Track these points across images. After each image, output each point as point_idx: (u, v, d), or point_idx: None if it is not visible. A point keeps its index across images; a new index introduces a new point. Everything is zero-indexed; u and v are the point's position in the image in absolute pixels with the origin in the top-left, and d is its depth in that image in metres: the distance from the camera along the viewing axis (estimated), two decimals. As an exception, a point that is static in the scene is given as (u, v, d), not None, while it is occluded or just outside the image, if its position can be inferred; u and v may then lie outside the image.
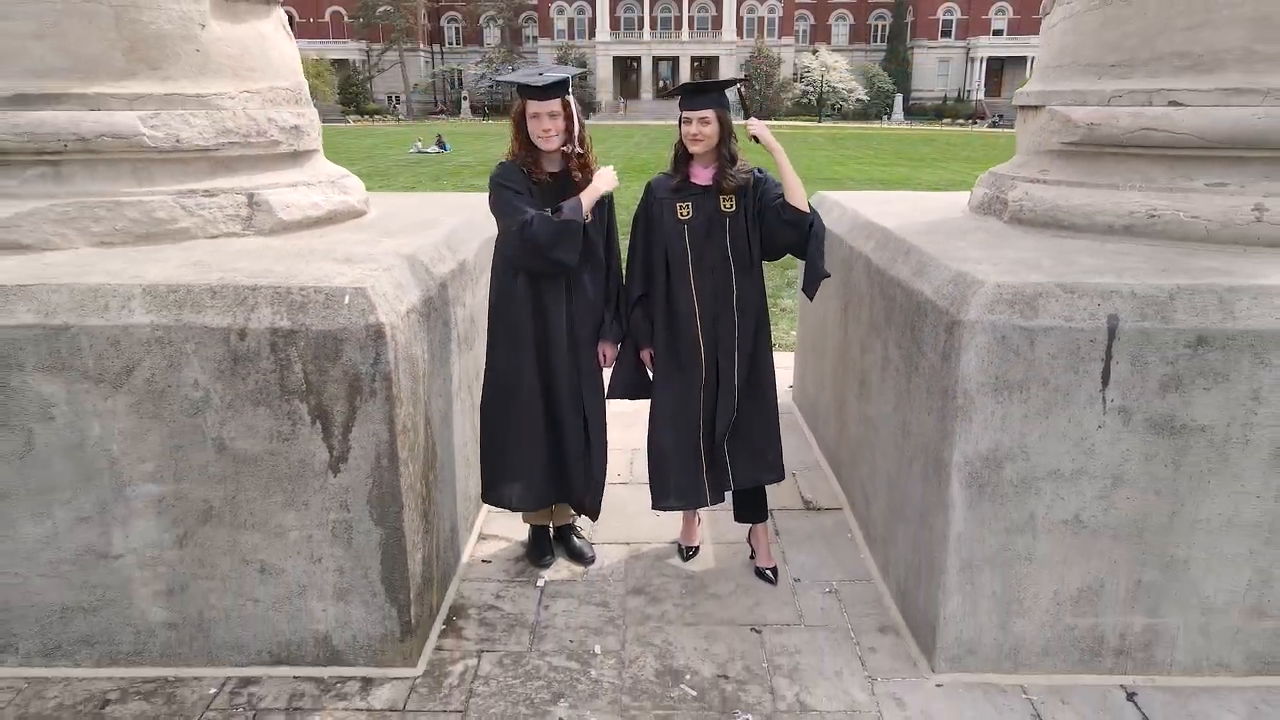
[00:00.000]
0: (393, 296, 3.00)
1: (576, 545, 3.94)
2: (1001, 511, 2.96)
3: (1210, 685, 3.07)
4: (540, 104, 3.35)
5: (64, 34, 3.33)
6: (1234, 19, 3.30)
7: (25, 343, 2.83)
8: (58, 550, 3.02)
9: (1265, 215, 3.24)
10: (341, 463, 2.95)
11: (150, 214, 3.43)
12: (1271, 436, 2.84)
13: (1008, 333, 2.81)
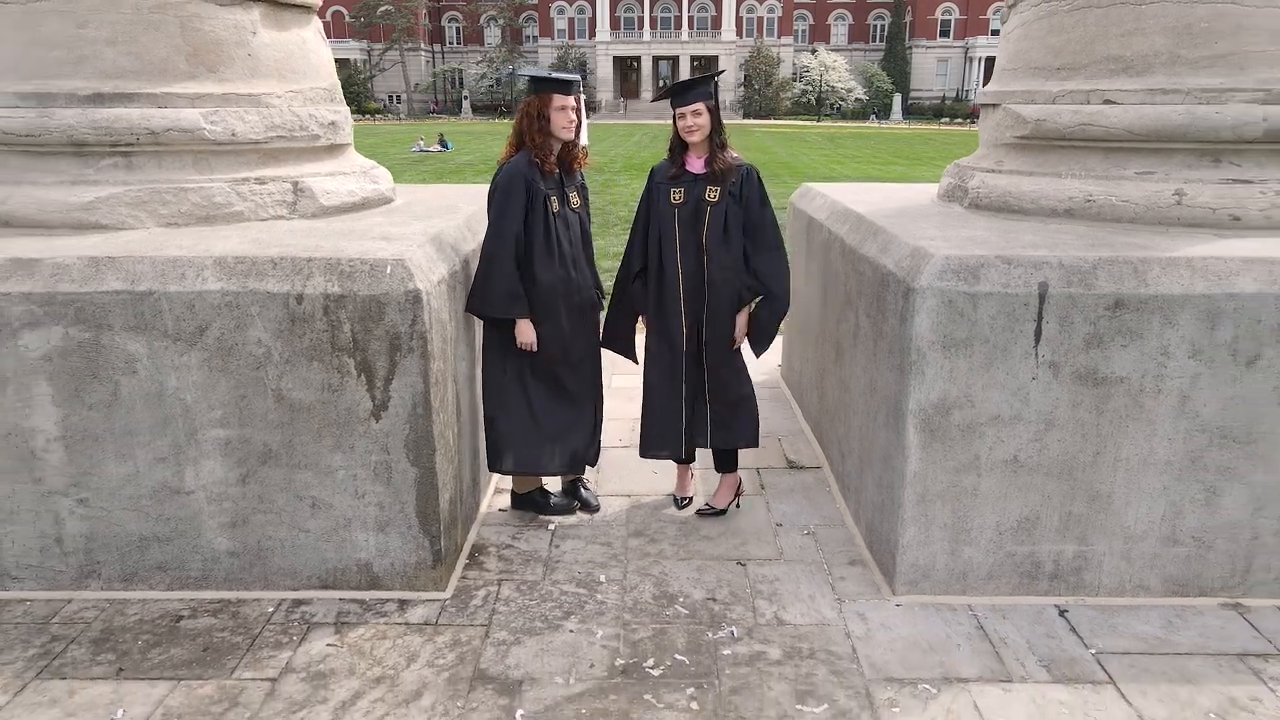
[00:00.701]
0: (426, 268, 3.48)
1: (584, 495, 4.41)
2: (950, 452, 3.44)
3: (1132, 604, 3.55)
4: (566, 98, 3.82)
5: (134, 40, 3.81)
6: (1159, 28, 3.79)
7: (114, 306, 3.30)
8: (137, 487, 3.50)
9: (1184, 199, 3.73)
10: (382, 410, 3.43)
11: (210, 199, 3.91)
12: (1178, 386, 3.32)
13: (954, 297, 3.29)
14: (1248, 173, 3.73)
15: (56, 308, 3.30)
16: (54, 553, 3.58)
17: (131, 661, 3.21)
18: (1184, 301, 3.25)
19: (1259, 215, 3.66)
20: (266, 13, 4.10)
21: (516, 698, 3.04)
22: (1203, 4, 3.70)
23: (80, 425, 3.42)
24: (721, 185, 3.94)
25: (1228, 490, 3.44)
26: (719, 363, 4.09)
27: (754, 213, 3.97)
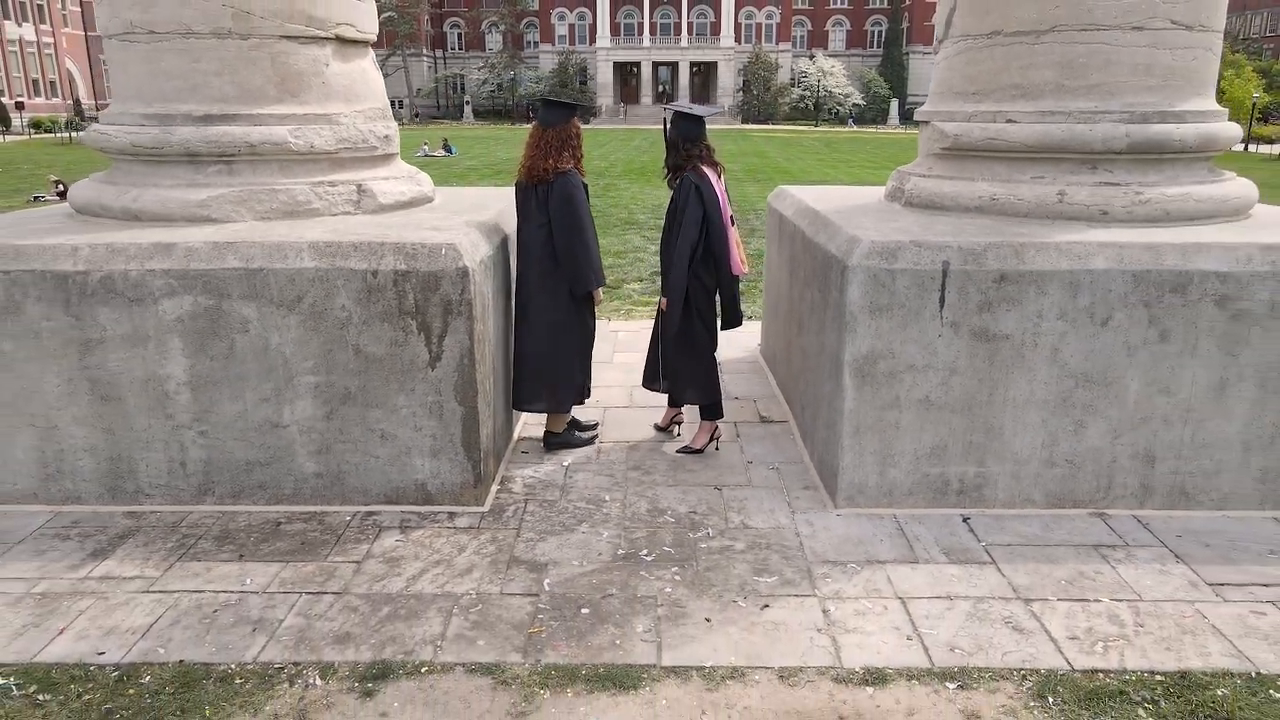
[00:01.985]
0: (470, 251, 4.48)
1: (584, 424, 5.56)
2: (877, 394, 4.43)
3: (1020, 514, 4.54)
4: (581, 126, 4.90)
5: (236, 72, 4.82)
6: (1048, 62, 4.79)
7: (233, 280, 4.30)
8: (246, 422, 4.50)
9: (1065, 198, 4.73)
10: (437, 361, 4.42)
11: (294, 198, 4.91)
12: (1050, 341, 4.32)
13: (877, 273, 4.29)
14: (1116, 177, 4.73)
15: (188, 281, 4.30)
16: (179, 474, 4.57)
17: (248, 550, 4.21)
18: (1052, 276, 4.25)
19: (1122, 210, 4.66)
20: (336, 49, 5.10)
21: (543, 573, 4.03)
22: (1081, 44, 4.70)
23: (203, 372, 4.42)
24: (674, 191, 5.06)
25: (1091, 423, 4.44)
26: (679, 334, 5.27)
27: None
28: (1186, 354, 4.34)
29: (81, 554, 4.18)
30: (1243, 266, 4.25)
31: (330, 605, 3.78)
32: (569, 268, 4.98)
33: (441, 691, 3.26)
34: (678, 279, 5.05)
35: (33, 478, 4.58)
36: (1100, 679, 3.31)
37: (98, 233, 4.55)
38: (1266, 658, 3.43)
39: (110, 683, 3.29)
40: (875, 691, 3.26)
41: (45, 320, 4.36)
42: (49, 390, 4.45)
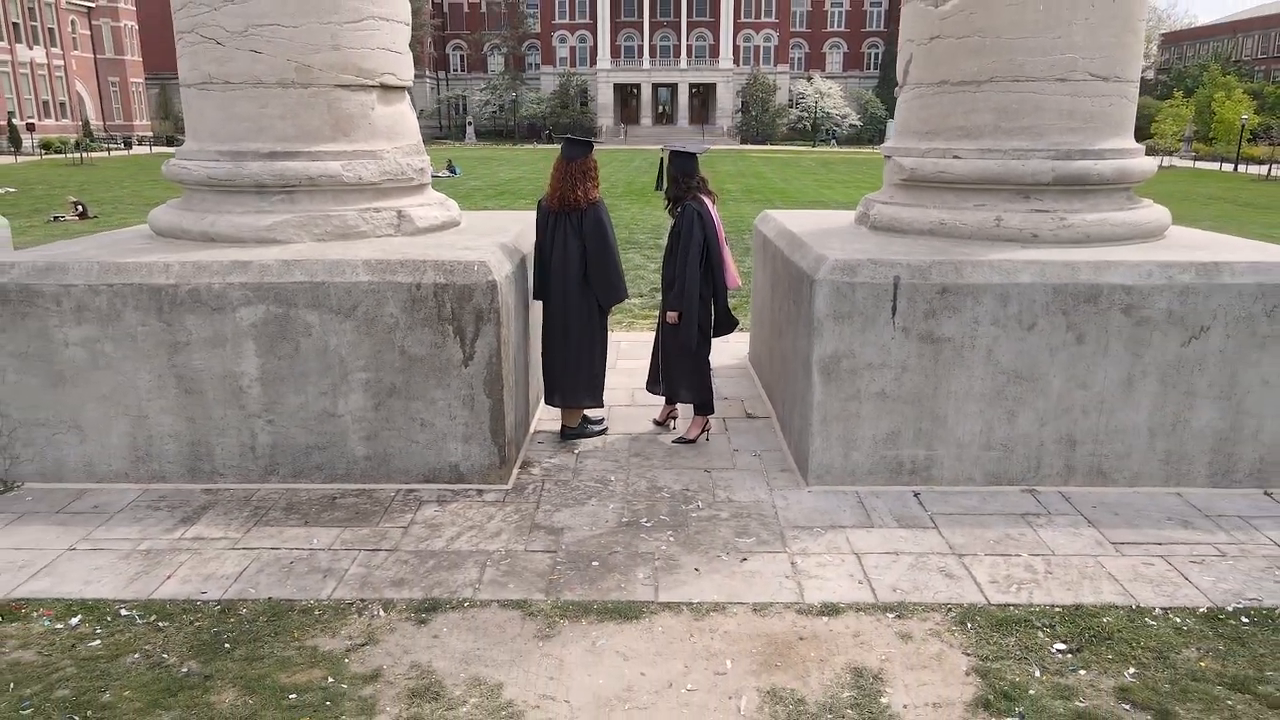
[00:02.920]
0: (498, 267, 5.31)
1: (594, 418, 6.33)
2: (841, 388, 5.25)
3: (962, 490, 5.35)
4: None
5: (297, 116, 5.67)
6: (988, 107, 5.64)
7: (299, 291, 5.13)
8: (306, 412, 5.32)
9: (1001, 223, 5.57)
10: (469, 360, 5.24)
11: (346, 222, 5.75)
12: (985, 343, 5.14)
13: (840, 285, 5.12)
14: (1045, 205, 5.58)
15: (262, 292, 5.13)
16: (249, 457, 5.39)
17: (311, 518, 5.02)
18: (986, 288, 5.09)
19: (1049, 234, 5.50)
20: (380, 94, 5.96)
21: (559, 536, 4.84)
22: (1014, 93, 5.56)
23: (272, 370, 5.24)
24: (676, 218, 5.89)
25: (1021, 413, 5.26)
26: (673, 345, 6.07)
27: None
28: (1099, 354, 5.16)
29: (172, 521, 4.99)
30: (1144, 280, 5.08)
31: (385, 559, 4.58)
32: (601, 284, 5.82)
33: (481, 620, 4.06)
34: (691, 293, 5.85)
35: (125, 460, 5.39)
36: (1011, 611, 4.12)
37: (183, 252, 5.39)
38: (1147, 595, 4.24)
39: (214, 614, 4.10)
40: (829, 620, 4.06)
41: (141, 325, 5.18)
42: (142, 385, 5.27)
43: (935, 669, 3.73)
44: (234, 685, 3.60)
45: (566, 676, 3.69)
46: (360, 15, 5.69)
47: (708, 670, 3.73)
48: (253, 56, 5.52)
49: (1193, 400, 5.22)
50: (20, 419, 5.34)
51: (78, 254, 5.41)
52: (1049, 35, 5.42)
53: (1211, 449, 5.30)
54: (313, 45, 5.56)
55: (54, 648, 3.86)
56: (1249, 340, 5.12)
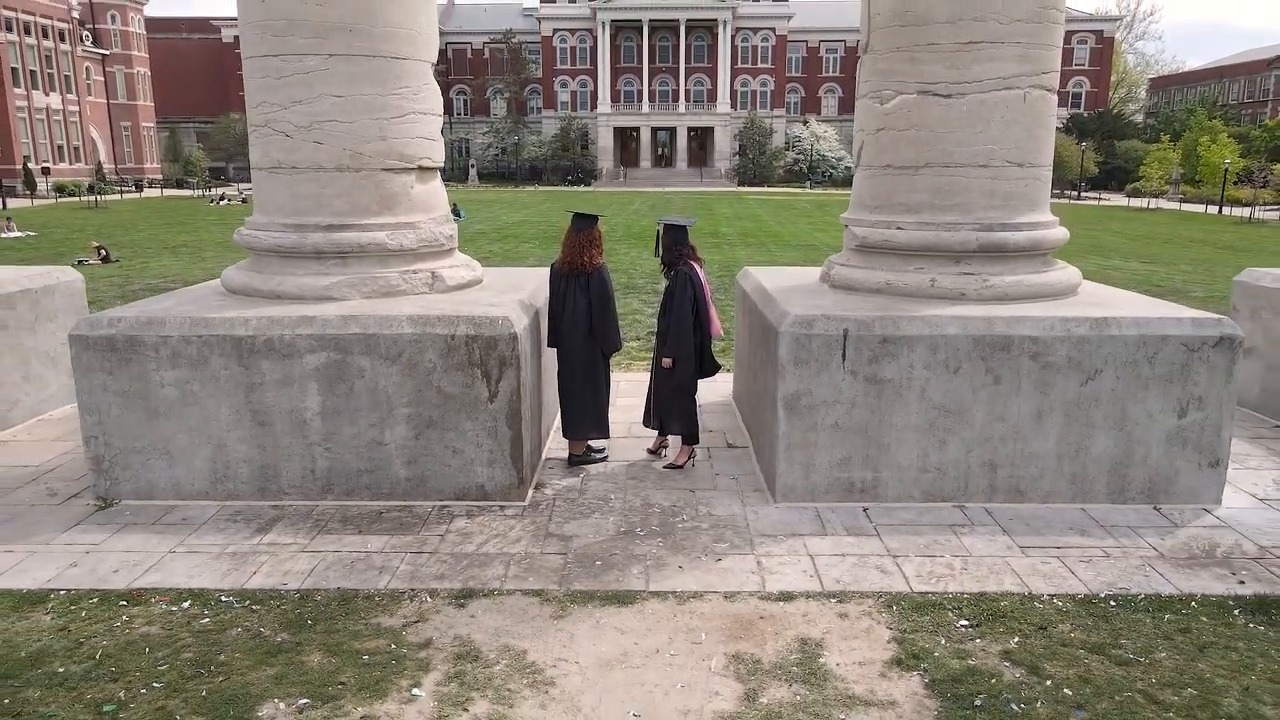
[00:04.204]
0: (518, 320, 6.43)
1: (597, 446, 7.38)
2: (802, 421, 6.34)
3: (904, 506, 6.42)
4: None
5: (351, 195, 6.82)
6: (925, 188, 6.80)
7: (355, 341, 6.24)
8: (358, 441, 6.40)
9: (936, 284, 6.70)
10: (494, 398, 6.34)
11: (389, 283, 6.88)
12: (919, 384, 6.24)
13: (799, 336, 6.23)
14: (972, 269, 6.71)
15: (324, 342, 6.24)
16: (309, 479, 6.46)
17: (364, 528, 6.09)
18: (918, 339, 6.20)
19: (975, 293, 6.63)
20: (418, 175, 7.12)
21: (569, 542, 5.91)
22: (945, 177, 6.72)
23: (330, 406, 6.34)
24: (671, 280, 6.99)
25: (951, 441, 6.35)
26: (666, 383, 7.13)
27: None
28: (1013, 393, 6.27)
29: (249, 530, 6.06)
30: (1048, 332, 6.20)
31: (428, 559, 5.65)
32: (603, 335, 6.96)
33: (508, 605, 5.13)
34: (684, 342, 6.96)
35: (206, 480, 6.47)
36: (929, 597, 5.19)
37: (258, 309, 6.51)
38: (1039, 585, 5.31)
39: (295, 599, 5.16)
40: (784, 605, 5.13)
41: (224, 369, 6.29)
42: (222, 418, 6.37)
43: (864, 639, 4.79)
44: (319, 650, 4.66)
45: (576, 645, 4.75)
46: (404, 111, 6.87)
47: (686, 641, 4.79)
48: (315, 146, 6.69)
49: (1091, 431, 6.32)
50: (120, 447, 6.43)
51: (171, 310, 6.53)
52: (972, 131, 6.59)
53: (1109, 471, 6.38)
54: (365, 137, 6.74)
55: (173, 624, 4.92)
56: (1135, 381, 6.23)
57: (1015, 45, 6.48)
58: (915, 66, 6.67)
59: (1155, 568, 5.55)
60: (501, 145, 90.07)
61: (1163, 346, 6.18)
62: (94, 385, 6.32)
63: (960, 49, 6.50)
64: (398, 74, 6.81)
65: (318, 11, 6.47)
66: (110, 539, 5.93)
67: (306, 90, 6.61)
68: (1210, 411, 6.27)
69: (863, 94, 7.18)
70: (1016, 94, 6.57)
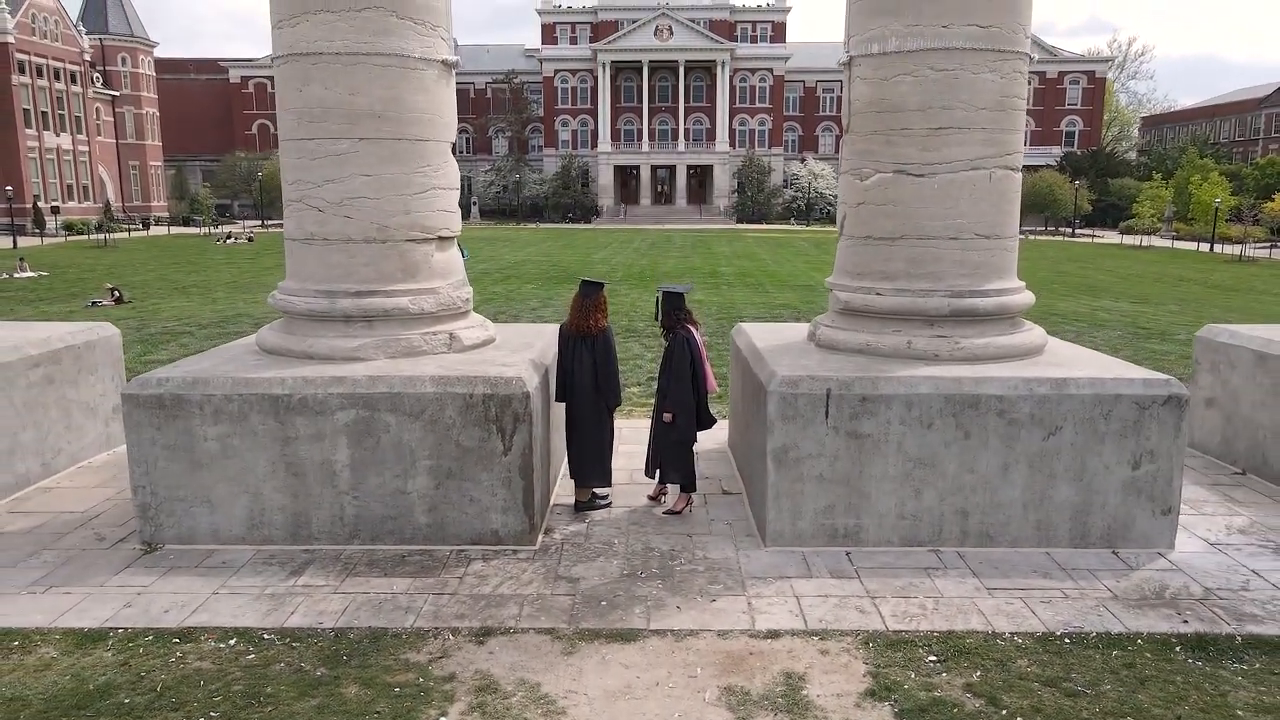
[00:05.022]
0: (529, 379, 7.05)
1: (601, 494, 7.95)
2: (789, 473, 6.94)
3: (883, 550, 6.99)
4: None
5: (376, 264, 7.47)
6: (901, 258, 7.45)
7: (381, 399, 6.86)
8: (383, 490, 6.99)
9: (912, 345, 7.33)
10: (508, 451, 6.94)
11: (411, 344, 7.51)
12: (896, 438, 6.85)
13: (786, 395, 6.85)
14: (944, 332, 7.34)
15: (354, 399, 6.86)
16: (338, 525, 7.05)
17: (389, 570, 6.66)
18: (894, 397, 6.82)
19: (947, 354, 7.26)
20: (438, 244, 7.78)
21: (577, 583, 6.48)
22: (919, 248, 7.37)
23: (358, 458, 6.93)
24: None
25: (925, 491, 6.94)
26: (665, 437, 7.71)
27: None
28: (982, 446, 6.87)
29: (284, 573, 6.64)
30: (1012, 391, 6.82)
31: (448, 600, 6.22)
32: (608, 392, 7.58)
33: (523, 642, 5.69)
34: (683, 400, 7.58)
35: (243, 526, 7.05)
36: (902, 635, 5.75)
37: (293, 369, 7.12)
38: (1003, 624, 5.87)
39: (330, 637, 5.73)
40: (772, 642, 5.70)
41: (261, 425, 6.90)
42: (259, 470, 6.97)
43: (842, 673, 5.36)
44: (355, 682, 5.22)
45: (585, 679, 5.31)
46: (425, 188, 7.55)
47: (684, 674, 5.35)
48: (345, 220, 7.36)
49: (1054, 481, 6.91)
50: (165, 495, 7.01)
51: (213, 370, 7.15)
52: (943, 207, 7.26)
53: (1070, 518, 6.97)
54: (390, 211, 7.40)
55: (222, 660, 5.49)
56: (1092, 436, 6.83)
57: (980, 131, 7.17)
58: (891, 148, 7.35)
59: (1109, 608, 6.12)
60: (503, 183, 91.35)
61: (1116, 404, 6.79)
62: (143, 439, 6.93)
63: (931, 134, 7.19)
64: (420, 154, 7.49)
65: (350, 100, 7.16)
66: (158, 581, 6.50)
67: (338, 170, 7.28)
68: (1161, 463, 6.87)
69: (844, 170, 7.86)
70: (983, 173, 7.25)
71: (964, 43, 7.01)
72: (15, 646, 5.60)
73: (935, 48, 7.05)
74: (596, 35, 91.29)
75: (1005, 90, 7.21)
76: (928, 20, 7.04)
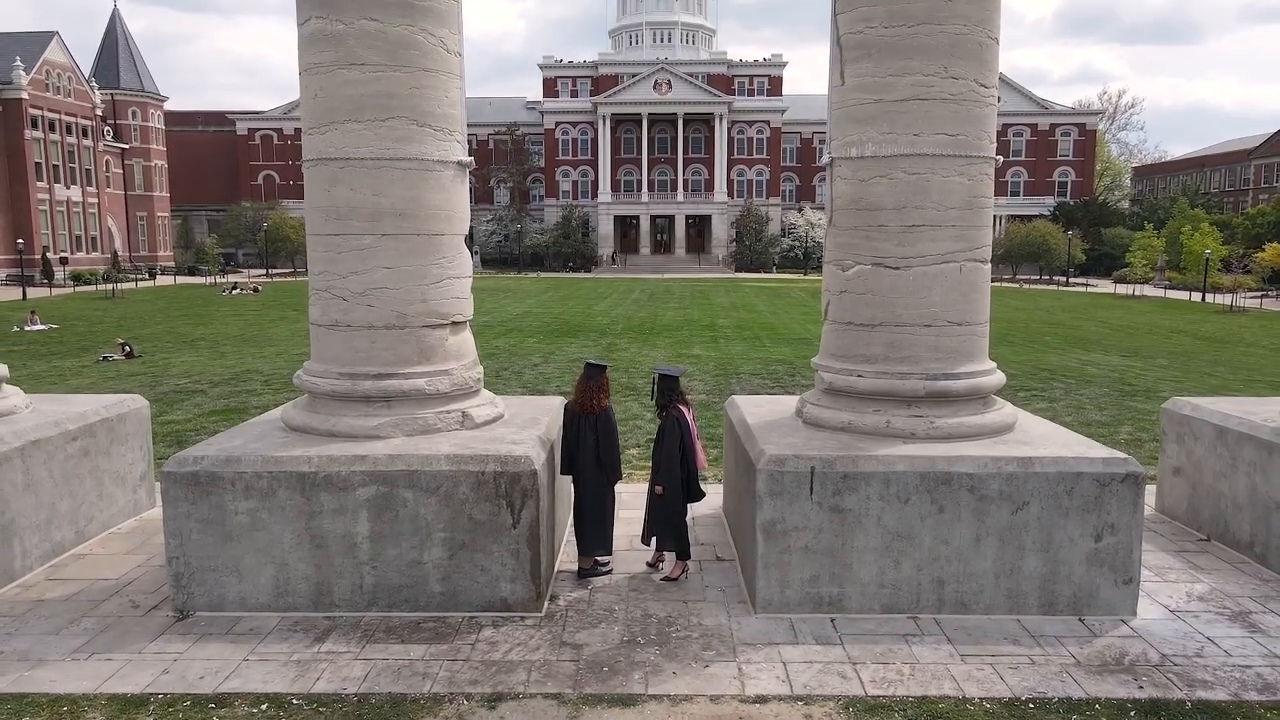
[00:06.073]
0: (537, 456, 7.62)
1: (603, 562, 8.47)
2: (777, 544, 7.48)
3: (865, 617, 7.50)
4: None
5: (395, 348, 8.08)
6: (880, 343, 8.06)
7: (399, 476, 7.42)
8: (400, 561, 7.52)
9: (890, 425, 7.91)
10: (516, 524, 7.49)
11: (427, 422, 8.09)
12: (876, 513, 7.40)
13: (773, 471, 7.41)
14: (920, 412, 7.93)
15: (375, 477, 7.42)
16: (358, 593, 7.57)
17: (405, 637, 7.17)
18: (873, 474, 7.38)
19: (923, 433, 7.84)
20: (451, 329, 8.40)
21: (580, 650, 6.99)
22: (897, 334, 7.99)
23: (378, 531, 7.48)
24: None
25: (904, 562, 7.47)
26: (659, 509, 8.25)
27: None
28: (955, 520, 7.42)
29: (308, 639, 7.15)
30: (982, 469, 7.39)
31: (462, 665, 6.74)
32: (608, 467, 8.16)
33: (531, 706, 6.20)
34: (675, 477, 8.14)
35: (269, 595, 7.58)
36: (880, 700, 6.27)
37: (317, 448, 7.70)
38: (973, 690, 6.39)
39: (354, 702, 6.24)
40: (760, 706, 6.20)
41: (288, 500, 7.46)
42: (285, 542, 7.51)
43: (824, 736, 5.86)
44: (379, 745, 5.73)
45: (588, 741, 5.82)
46: (441, 278, 8.19)
47: (679, 737, 5.86)
48: (367, 309, 7.98)
49: (1023, 553, 7.45)
50: (197, 565, 7.55)
51: (243, 448, 7.73)
52: (918, 297, 7.89)
53: (1039, 587, 7.50)
54: (408, 300, 8.04)
55: (256, 724, 5.99)
56: (1057, 511, 7.39)
57: (951, 228, 7.83)
58: (869, 243, 8.01)
59: (1071, 674, 6.63)
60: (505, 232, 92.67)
61: (1079, 482, 7.36)
62: (179, 513, 7.48)
63: (906, 230, 7.85)
64: (437, 247, 8.15)
65: (374, 201, 7.83)
66: (192, 647, 7.02)
67: (362, 263, 7.93)
68: (1122, 536, 7.42)
69: (828, 260, 8.52)
70: (954, 266, 7.89)
71: (934, 149, 7.70)
72: (65, 712, 6.11)
73: (908, 154, 7.74)
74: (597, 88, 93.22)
75: (973, 191, 7.89)
76: (901, 129, 7.73)
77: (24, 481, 8.36)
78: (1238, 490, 9.02)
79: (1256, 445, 8.75)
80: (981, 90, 7.80)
